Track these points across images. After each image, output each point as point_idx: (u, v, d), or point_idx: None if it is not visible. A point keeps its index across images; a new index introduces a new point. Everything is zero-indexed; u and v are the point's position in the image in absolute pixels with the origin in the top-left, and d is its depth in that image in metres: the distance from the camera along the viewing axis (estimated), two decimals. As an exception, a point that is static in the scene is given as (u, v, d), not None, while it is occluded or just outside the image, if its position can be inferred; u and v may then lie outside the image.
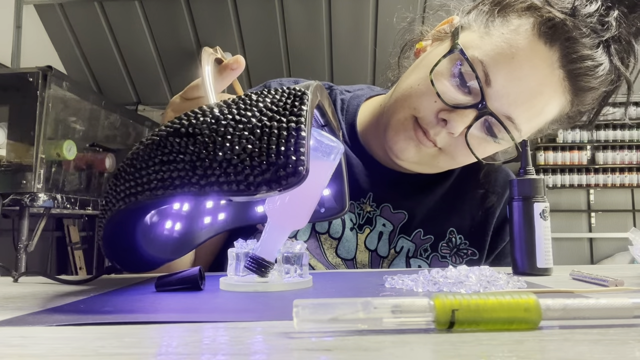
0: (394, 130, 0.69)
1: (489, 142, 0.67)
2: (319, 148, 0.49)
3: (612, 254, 3.90)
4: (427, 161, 0.70)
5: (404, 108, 0.67)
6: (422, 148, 0.67)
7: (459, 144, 0.66)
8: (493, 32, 0.64)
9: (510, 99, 0.62)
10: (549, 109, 0.65)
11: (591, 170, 3.97)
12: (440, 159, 0.69)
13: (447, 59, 0.64)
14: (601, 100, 0.69)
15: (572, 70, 0.62)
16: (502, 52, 0.61)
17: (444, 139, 0.66)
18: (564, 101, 0.66)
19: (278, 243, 0.51)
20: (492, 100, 0.62)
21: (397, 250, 0.76)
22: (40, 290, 0.52)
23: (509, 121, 0.64)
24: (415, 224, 0.77)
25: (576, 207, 4.03)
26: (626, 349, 0.26)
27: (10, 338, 0.30)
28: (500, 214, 0.80)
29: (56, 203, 2.22)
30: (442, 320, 0.30)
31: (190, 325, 0.33)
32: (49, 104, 2.13)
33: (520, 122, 0.64)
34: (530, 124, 0.65)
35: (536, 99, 0.63)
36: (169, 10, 3.42)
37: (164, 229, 0.57)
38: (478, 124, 0.64)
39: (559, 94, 0.64)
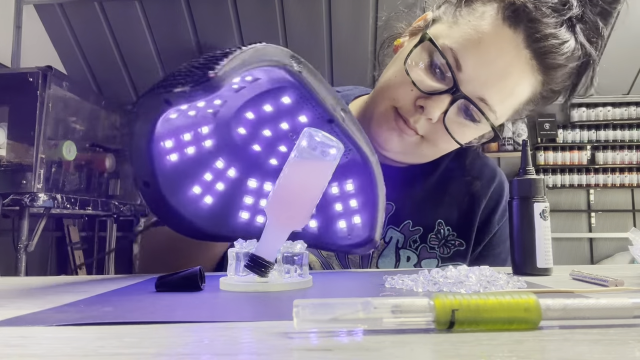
0: (376, 123, 0.71)
1: (467, 125, 0.69)
2: (318, 147, 0.49)
3: (612, 254, 3.90)
4: (411, 150, 0.72)
5: (384, 100, 0.70)
6: (405, 137, 0.70)
7: (438, 130, 0.68)
8: (460, 21, 0.67)
9: (481, 81, 0.65)
10: (520, 90, 0.67)
11: (591, 170, 3.97)
12: (424, 146, 0.71)
13: (420, 49, 0.68)
14: (573, 78, 0.70)
15: (538, 49, 0.64)
16: (470, 38, 0.65)
17: (424, 126, 0.69)
18: (535, 81, 0.68)
19: (278, 243, 0.51)
20: (464, 85, 0.65)
21: (387, 241, 0.77)
22: (40, 290, 0.52)
23: (483, 103, 0.66)
24: (403, 215, 0.78)
25: (576, 207, 4.03)
26: (626, 349, 0.26)
27: (10, 338, 0.30)
28: (487, 207, 0.82)
29: (56, 203, 2.22)
30: (442, 320, 0.30)
31: (190, 325, 0.33)
32: (49, 104, 2.13)
33: (494, 104, 0.66)
34: (504, 105, 0.68)
35: (506, 80, 0.65)
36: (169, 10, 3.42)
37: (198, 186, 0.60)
38: (454, 109, 0.67)
39: (528, 74, 0.66)
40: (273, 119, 0.60)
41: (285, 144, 0.62)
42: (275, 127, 0.61)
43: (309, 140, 0.49)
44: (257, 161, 0.63)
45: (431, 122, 0.68)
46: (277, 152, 0.63)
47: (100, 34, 3.47)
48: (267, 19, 3.45)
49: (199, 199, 0.61)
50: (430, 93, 0.66)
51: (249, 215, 0.64)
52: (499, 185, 0.83)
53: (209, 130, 0.60)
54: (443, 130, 0.68)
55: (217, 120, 0.60)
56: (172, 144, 0.58)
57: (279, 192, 0.51)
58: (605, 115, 3.99)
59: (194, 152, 0.60)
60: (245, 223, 0.64)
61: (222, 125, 0.61)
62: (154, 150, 0.54)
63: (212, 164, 0.62)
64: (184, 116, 0.57)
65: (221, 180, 0.63)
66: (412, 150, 0.72)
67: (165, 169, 0.57)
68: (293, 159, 0.50)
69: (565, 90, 0.71)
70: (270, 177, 0.64)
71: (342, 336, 0.29)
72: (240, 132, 0.62)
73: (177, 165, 0.59)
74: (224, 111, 0.60)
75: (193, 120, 0.58)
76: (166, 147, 0.57)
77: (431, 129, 0.69)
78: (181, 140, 0.59)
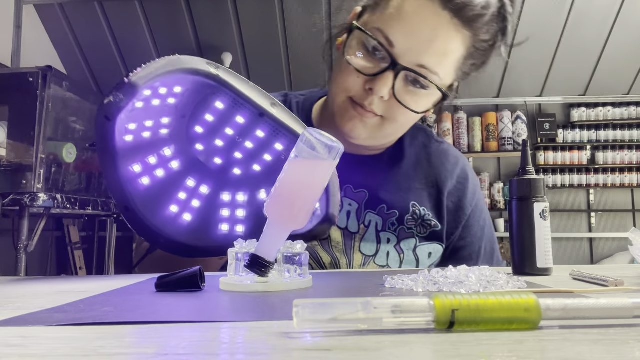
0: (339, 116, 0.77)
1: (418, 94, 0.74)
2: (318, 147, 0.49)
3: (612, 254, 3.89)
4: (376, 132, 0.77)
5: (338, 94, 0.76)
6: (367, 121, 0.75)
7: (394, 106, 0.73)
8: (382, 4, 0.74)
9: (414, 50, 0.70)
10: (452, 48, 0.72)
11: (591, 170, 3.96)
12: (386, 125, 0.76)
13: (355, 39, 0.74)
14: (499, 22, 0.75)
15: (454, 8, 0.70)
16: (392, 16, 0.71)
17: (379, 106, 0.74)
18: (463, 36, 0.73)
19: (278, 243, 0.51)
20: (401, 57, 0.70)
21: (367, 225, 0.82)
22: (40, 290, 0.52)
23: (423, 69, 0.71)
24: (377, 200, 0.83)
25: (576, 207, 4.03)
26: (626, 349, 0.26)
27: (10, 338, 0.30)
28: (455, 189, 0.86)
29: (56, 203, 2.22)
30: (442, 320, 0.30)
31: (190, 325, 0.33)
32: (49, 104, 2.13)
33: (433, 66, 0.71)
34: (443, 66, 0.73)
35: (436, 42, 0.71)
36: (169, 10, 3.42)
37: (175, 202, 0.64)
38: (400, 82, 0.72)
39: (454, 32, 0.72)
40: (218, 126, 0.64)
41: (238, 149, 0.66)
42: (223, 134, 0.65)
43: (307, 140, 0.49)
44: (223, 174, 0.67)
45: (384, 100, 0.73)
46: (236, 160, 0.66)
47: (100, 34, 3.47)
48: (267, 19, 3.45)
49: (178, 217, 0.64)
50: (374, 74, 0.71)
51: (229, 227, 0.66)
52: (463, 169, 0.88)
53: (172, 152, 0.65)
54: (397, 104, 0.73)
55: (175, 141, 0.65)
56: (140, 169, 0.62)
57: (278, 192, 0.51)
58: (605, 115, 3.99)
59: (164, 174, 0.64)
60: (226, 234, 0.66)
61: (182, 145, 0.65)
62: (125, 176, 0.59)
63: (184, 183, 0.65)
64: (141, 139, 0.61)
65: (195, 197, 0.66)
66: (377, 132, 0.77)
67: (140, 193, 0.61)
68: (292, 159, 0.50)
69: (496, 35, 0.76)
70: (240, 188, 0.67)
71: (342, 336, 0.29)
72: (199, 149, 0.66)
73: (150, 188, 0.63)
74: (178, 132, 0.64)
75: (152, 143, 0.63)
76: (135, 171, 0.61)
77: (387, 107, 0.74)
78: (148, 164, 0.63)
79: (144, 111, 0.59)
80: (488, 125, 3.94)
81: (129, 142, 0.59)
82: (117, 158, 0.58)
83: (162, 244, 0.62)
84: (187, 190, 0.65)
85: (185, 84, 0.59)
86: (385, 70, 0.71)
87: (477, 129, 3.96)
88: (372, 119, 0.75)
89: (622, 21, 3.42)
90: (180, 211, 0.64)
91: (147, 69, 0.53)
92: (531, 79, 3.87)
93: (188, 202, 0.65)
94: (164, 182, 0.64)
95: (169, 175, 0.64)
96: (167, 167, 0.64)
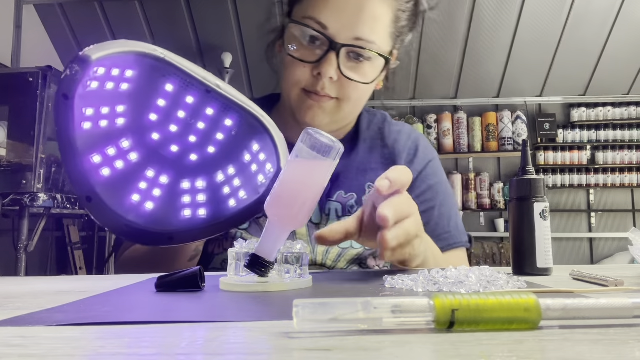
0: (298, 109, 0.81)
1: (362, 66, 0.78)
2: (317, 147, 0.49)
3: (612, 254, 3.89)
4: (335, 115, 0.81)
5: (292, 89, 0.80)
6: (324, 106, 0.79)
7: (344, 84, 0.77)
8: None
9: (347, 25, 0.75)
10: (380, 14, 0.77)
11: (591, 170, 3.97)
12: (343, 106, 0.80)
13: (292, 34, 0.78)
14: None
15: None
16: (318, 1, 0.76)
17: (331, 88, 0.77)
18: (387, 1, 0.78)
19: (278, 243, 0.51)
20: (337, 36, 0.75)
21: (327, 213, 0.84)
22: (40, 290, 0.52)
23: (360, 40, 0.75)
24: (335, 188, 0.85)
25: (576, 207, 4.03)
26: (626, 349, 0.26)
27: (10, 338, 0.30)
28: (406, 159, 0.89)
29: (56, 203, 2.22)
30: (442, 320, 0.30)
31: (190, 325, 0.33)
32: (49, 104, 2.13)
33: (368, 36, 0.76)
34: (376, 33, 0.77)
35: (364, 13, 0.75)
36: (169, 10, 3.42)
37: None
38: (343, 59, 0.76)
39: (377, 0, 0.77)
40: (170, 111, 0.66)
41: (192, 133, 0.67)
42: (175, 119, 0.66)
43: (307, 140, 0.50)
44: (181, 162, 0.68)
45: (334, 81, 0.77)
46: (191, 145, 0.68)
47: (100, 34, 3.47)
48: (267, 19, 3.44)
49: (140, 205, 0.65)
50: (318, 60, 0.75)
51: (191, 212, 0.67)
52: (414, 141, 0.92)
53: (130, 143, 0.66)
54: (347, 82, 0.77)
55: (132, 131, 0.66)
56: (100, 159, 0.63)
57: (278, 192, 0.51)
58: (605, 115, 3.99)
59: (124, 165, 0.65)
60: (189, 219, 0.66)
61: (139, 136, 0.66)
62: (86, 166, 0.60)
63: (144, 174, 0.66)
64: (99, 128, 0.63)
65: (156, 187, 0.67)
66: (336, 115, 0.81)
67: (101, 183, 0.62)
68: (292, 159, 0.51)
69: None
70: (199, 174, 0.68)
71: (342, 336, 0.29)
72: (154, 138, 0.67)
73: (111, 179, 0.63)
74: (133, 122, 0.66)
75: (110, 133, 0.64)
76: (95, 162, 0.62)
77: (339, 87, 0.78)
78: (107, 155, 0.64)
79: (99, 95, 0.61)
80: (488, 125, 3.94)
81: (87, 130, 0.61)
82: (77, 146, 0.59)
83: (126, 232, 0.62)
84: (148, 180, 0.66)
85: (135, 67, 0.61)
86: (327, 53, 0.75)
87: (477, 129, 3.96)
88: (328, 102, 0.78)
89: (622, 21, 3.42)
90: (142, 200, 0.65)
91: (98, 46, 0.57)
92: (531, 79, 3.87)
93: (149, 192, 0.66)
94: (124, 173, 0.65)
95: (129, 167, 0.65)
96: (125, 159, 0.65)
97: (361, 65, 0.78)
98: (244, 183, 0.67)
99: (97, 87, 0.59)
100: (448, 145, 3.92)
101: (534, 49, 3.58)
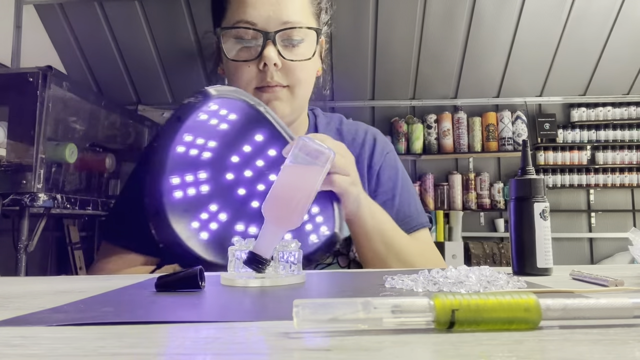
0: None
1: (299, 45, 0.83)
2: (310, 153, 0.54)
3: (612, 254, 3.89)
4: (293, 102, 0.85)
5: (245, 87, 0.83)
6: (280, 96, 0.83)
7: (290, 68, 0.82)
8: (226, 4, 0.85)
9: (271, 14, 0.80)
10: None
11: (591, 170, 3.96)
12: (296, 90, 0.84)
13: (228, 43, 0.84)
14: None
15: None
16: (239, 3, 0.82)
17: (279, 76, 0.82)
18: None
19: (274, 242, 0.54)
20: (267, 27, 0.80)
21: None
22: (40, 290, 0.52)
23: (288, 23, 0.81)
24: None
25: (576, 207, 4.02)
26: (626, 349, 0.26)
27: (10, 338, 0.30)
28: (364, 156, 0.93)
29: (56, 203, 2.22)
30: (442, 320, 0.30)
31: (190, 325, 0.33)
32: (49, 104, 2.13)
33: (291, 16, 0.81)
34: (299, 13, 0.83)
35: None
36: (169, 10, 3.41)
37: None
38: (280, 46, 0.81)
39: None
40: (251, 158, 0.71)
41: (262, 182, 0.72)
42: (253, 166, 0.72)
43: (302, 147, 0.54)
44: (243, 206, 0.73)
45: (280, 69, 0.81)
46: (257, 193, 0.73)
47: (100, 34, 3.47)
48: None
49: (197, 233, 0.69)
50: (259, 55, 0.80)
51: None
52: (371, 136, 0.96)
53: (206, 176, 0.72)
54: (291, 64, 0.82)
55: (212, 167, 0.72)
56: (178, 182, 0.68)
57: (274, 194, 0.55)
58: (605, 115, 3.99)
59: (194, 193, 0.71)
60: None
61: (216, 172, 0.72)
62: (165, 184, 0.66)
63: (208, 206, 0.71)
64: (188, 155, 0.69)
65: (214, 220, 0.71)
66: (294, 102, 0.85)
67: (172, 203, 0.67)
68: (287, 164, 0.55)
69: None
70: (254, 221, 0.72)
71: (342, 336, 0.29)
72: (228, 178, 0.72)
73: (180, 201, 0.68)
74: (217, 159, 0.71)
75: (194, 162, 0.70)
76: (173, 183, 0.68)
77: (286, 73, 0.82)
78: (184, 180, 0.69)
79: (202, 127, 0.67)
80: (488, 125, 3.94)
81: (178, 153, 0.67)
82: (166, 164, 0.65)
83: (178, 253, 0.66)
84: (209, 212, 0.71)
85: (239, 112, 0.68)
86: (264, 44, 0.80)
87: (477, 129, 3.96)
88: (282, 91, 0.83)
89: (622, 21, 3.42)
90: (199, 228, 0.69)
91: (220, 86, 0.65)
92: (531, 79, 3.87)
93: (207, 223, 0.71)
94: (192, 200, 0.70)
95: (197, 196, 0.71)
96: (198, 188, 0.71)
97: (297, 48, 0.83)
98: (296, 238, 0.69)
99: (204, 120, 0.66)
100: (448, 145, 3.92)
101: (534, 49, 3.57)
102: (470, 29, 3.47)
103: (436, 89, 3.94)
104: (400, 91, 3.91)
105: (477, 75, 3.81)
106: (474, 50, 3.59)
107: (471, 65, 3.72)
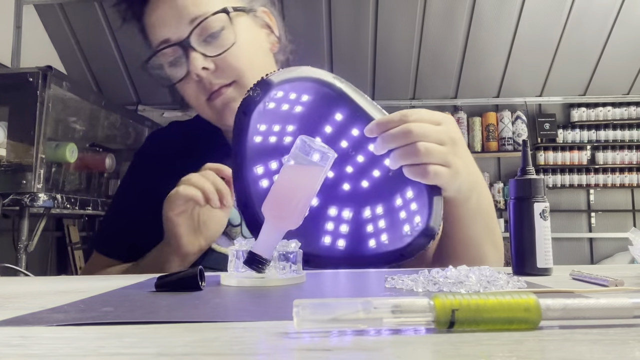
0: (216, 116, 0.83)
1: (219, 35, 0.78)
2: (311, 153, 0.53)
3: (612, 254, 3.89)
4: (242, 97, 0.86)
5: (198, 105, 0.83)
6: (228, 95, 0.80)
7: (225, 63, 0.78)
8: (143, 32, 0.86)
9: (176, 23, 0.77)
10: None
11: (591, 170, 3.96)
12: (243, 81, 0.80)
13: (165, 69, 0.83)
14: None
15: None
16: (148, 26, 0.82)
17: (217, 77, 0.79)
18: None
19: (274, 242, 0.54)
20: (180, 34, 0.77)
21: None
22: (40, 290, 0.52)
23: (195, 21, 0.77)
24: None
25: (576, 207, 4.03)
26: (626, 349, 0.26)
27: (10, 338, 0.30)
28: None
29: (56, 203, 2.22)
30: (442, 320, 0.30)
31: (190, 325, 0.33)
32: (49, 104, 2.13)
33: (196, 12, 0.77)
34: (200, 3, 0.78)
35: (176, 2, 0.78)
36: (169, 10, 3.41)
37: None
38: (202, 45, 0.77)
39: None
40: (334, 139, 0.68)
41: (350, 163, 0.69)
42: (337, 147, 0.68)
43: (303, 147, 0.54)
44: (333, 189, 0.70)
45: (214, 69, 0.78)
46: (346, 175, 0.70)
47: (100, 34, 3.47)
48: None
49: None
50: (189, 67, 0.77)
51: (331, 240, 0.69)
52: None
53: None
54: (226, 61, 0.78)
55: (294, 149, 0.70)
56: (263, 171, 0.67)
57: (274, 194, 0.55)
58: (605, 115, 3.99)
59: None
60: (328, 247, 0.68)
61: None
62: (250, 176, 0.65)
63: None
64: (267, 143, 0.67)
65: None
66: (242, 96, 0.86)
67: (259, 193, 0.66)
68: (288, 164, 0.55)
69: None
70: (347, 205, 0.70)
71: (342, 336, 0.29)
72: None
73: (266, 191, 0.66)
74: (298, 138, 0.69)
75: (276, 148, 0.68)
76: (258, 173, 0.66)
77: (223, 69, 0.78)
78: (269, 168, 0.68)
79: (274, 114, 0.65)
80: (488, 125, 3.94)
81: (257, 143, 0.66)
82: (247, 155, 0.65)
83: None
84: None
85: (312, 93, 0.65)
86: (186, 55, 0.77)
87: (477, 129, 3.96)
88: (228, 90, 0.79)
89: (622, 21, 3.42)
90: None
91: (282, 71, 0.62)
92: (531, 79, 3.87)
93: None
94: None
95: None
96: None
97: (218, 39, 0.78)
98: (389, 227, 0.67)
99: (274, 108, 0.64)
100: (448, 145, 3.92)
101: (534, 49, 3.57)
102: (470, 28, 3.46)
103: (436, 88, 3.94)
104: (400, 91, 3.91)
105: (477, 75, 3.81)
106: (474, 50, 3.59)
107: (471, 65, 3.72)
